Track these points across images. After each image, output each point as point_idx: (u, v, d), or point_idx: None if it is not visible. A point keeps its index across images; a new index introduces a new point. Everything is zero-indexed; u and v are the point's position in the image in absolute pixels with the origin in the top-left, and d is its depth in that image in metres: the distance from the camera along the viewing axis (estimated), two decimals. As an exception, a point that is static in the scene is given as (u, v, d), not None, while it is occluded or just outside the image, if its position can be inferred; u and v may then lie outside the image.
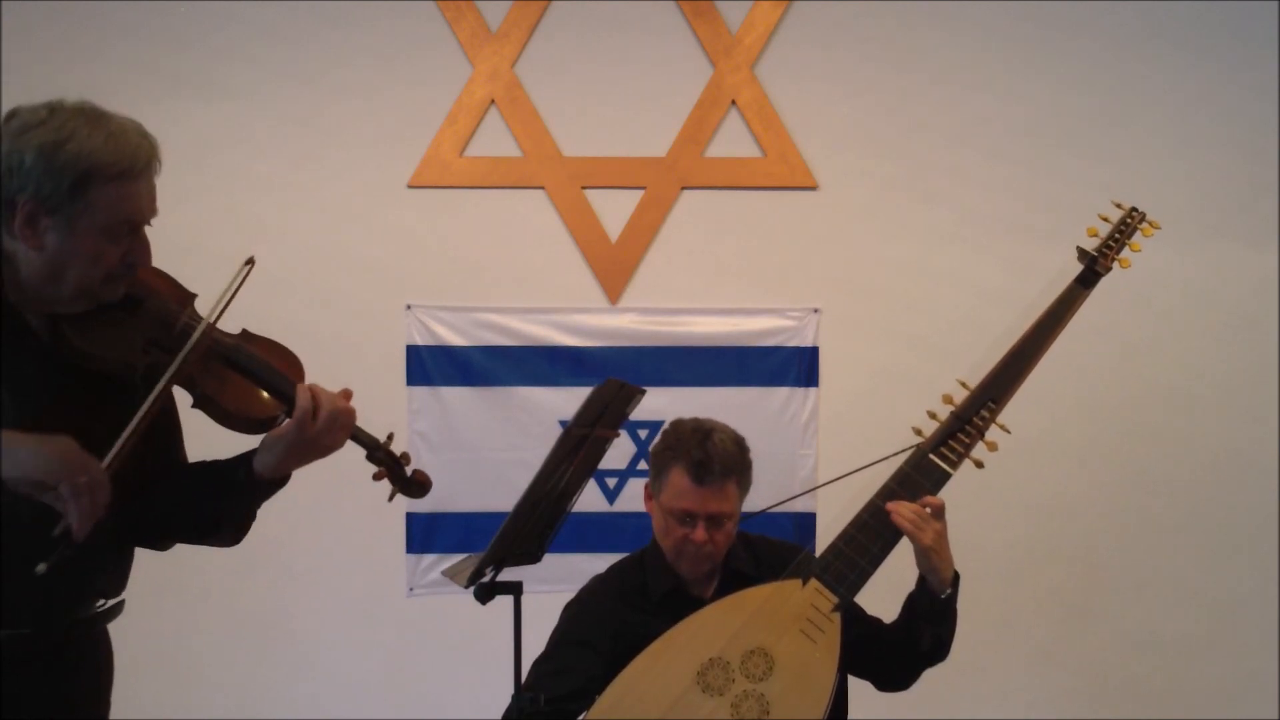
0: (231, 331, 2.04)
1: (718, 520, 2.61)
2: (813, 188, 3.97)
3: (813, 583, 2.51)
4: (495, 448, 3.90)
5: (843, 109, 3.98)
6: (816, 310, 3.96)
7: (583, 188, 3.96)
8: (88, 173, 1.79)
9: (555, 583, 2.98)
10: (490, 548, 2.20)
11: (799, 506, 3.75)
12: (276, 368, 2.02)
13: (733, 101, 3.95)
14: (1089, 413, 3.96)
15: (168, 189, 1.96)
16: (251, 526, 2.11)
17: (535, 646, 2.63)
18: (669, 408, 3.21)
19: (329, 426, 1.95)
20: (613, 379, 2.26)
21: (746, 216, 3.97)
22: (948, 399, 2.58)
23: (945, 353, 3.77)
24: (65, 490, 1.69)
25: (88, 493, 1.70)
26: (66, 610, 1.92)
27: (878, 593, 2.58)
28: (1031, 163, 3.97)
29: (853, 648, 2.54)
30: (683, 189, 3.97)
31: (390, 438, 2.12)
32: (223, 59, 3.89)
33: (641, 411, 2.49)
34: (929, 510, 2.50)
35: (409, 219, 3.93)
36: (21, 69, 3.71)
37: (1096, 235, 2.67)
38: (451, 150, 3.94)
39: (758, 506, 2.81)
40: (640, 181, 3.96)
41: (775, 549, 2.76)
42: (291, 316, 3.47)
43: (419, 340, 3.93)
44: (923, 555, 2.49)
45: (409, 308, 3.92)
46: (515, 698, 2.28)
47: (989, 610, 3.78)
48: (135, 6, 3.86)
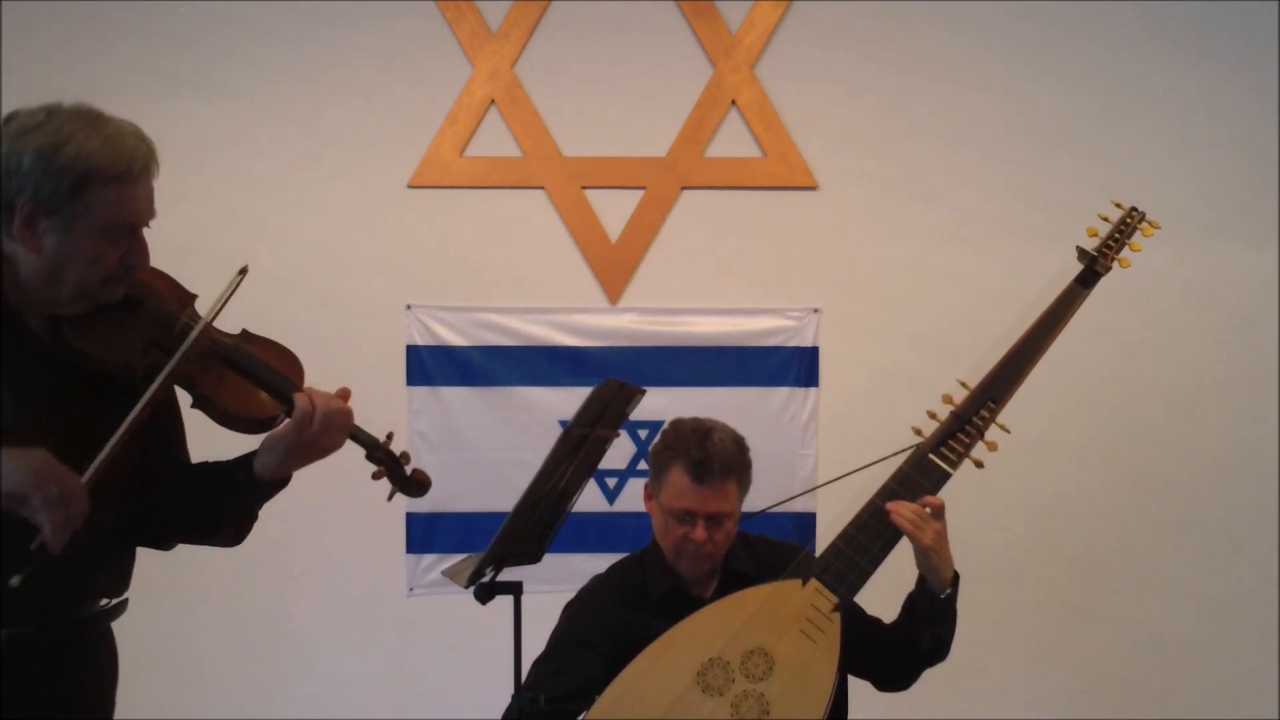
0: (231, 332, 2.04)
1: (717, 519, 2.61)
2: (813, 188, 3.96)
3: (813, 583, 2.51)
4: (495, 448, 3.90)
5: (843, 109, 3.98)
6: (816, 310, 3.96)
7: (583, 188, 3.95)
8: (85, 175, 1.80)
9: (555, 583, 2.98)
10: (490, 548, 2.20)
11: (799, 506, 3.74)
12: (275, 368, 2.02)
13: (733, 101, 3.95)
14: (1089, 413, 3.96)
15: (167, 189, 1.96)
16: (253, 527, 2.11)
17: (535, 646, 2.62)
18: (669, 408, 3.20)
19: (326, 428, 1.96)
20: (613, 379, 2.27)
21: (746, 216, 3.97)
22: (948, 399, 2.58)
23: (945, 353, 3.76)
24: (38, 502, 1.69)
25: (61, 506, 1.70)
26: (68, 609, 1.92)
27: (878, 593, 2.58)
28: (1031, 163, 3.97)
29: (853, 648, 2.54)
30: (683, 189, 3.96)
31: (390, 437, 2.12)
32: (223, 59, 3.89)
33: (641, 411, 2.49)
34: (929, 510, 2.50)
35: (409, 219, 3.93)
36: (21, 69, 3.72)
37: (1096, 235, 2.67)
38: (451, 150, 3.94)
39: (758, 506, 2.81)
40: (640, 181, 3.96)
41: (775, 549, 2.76)
42: (291, 316, 3.47)
43: (419, 340, 3.93)
44: (922, 555, 2.49)
45: (409, 308, 3.92)
46: (515, 698, 2.29)
47: (989, 610, 3.78)
48: (135, 6, 3.86)
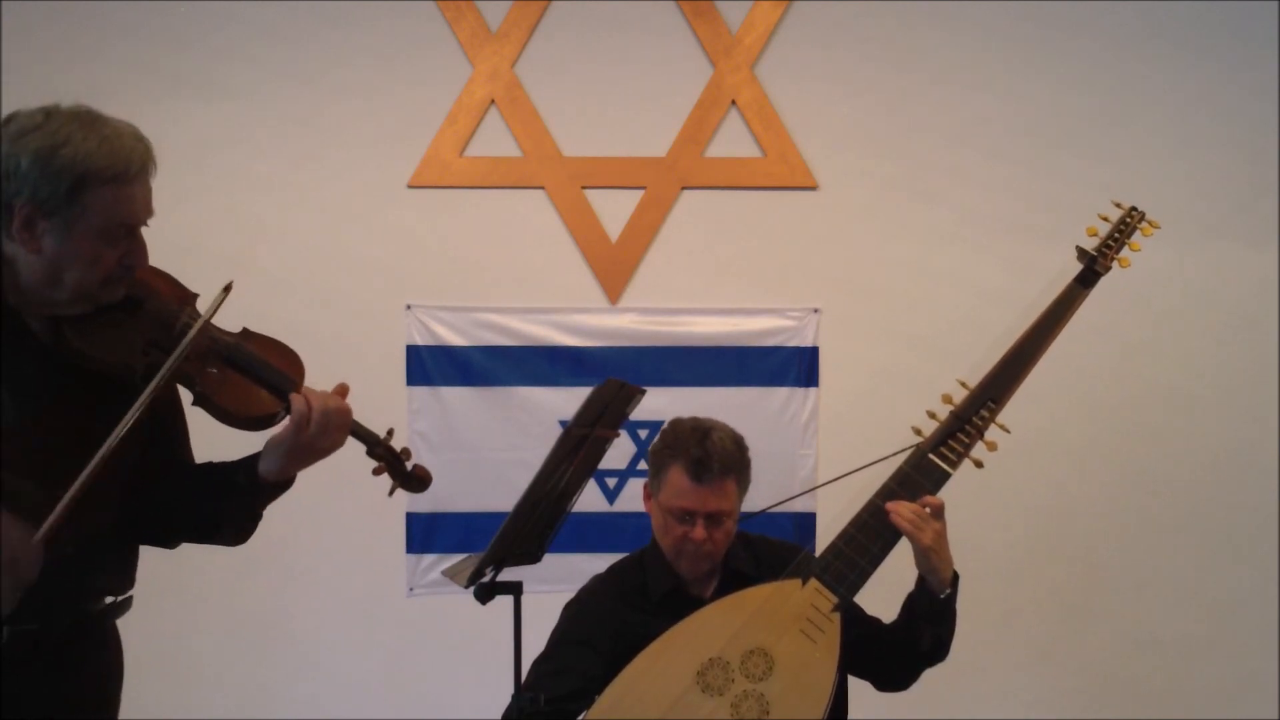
0: (231, 330, 2.04)
1: (717, 518, 2.61)
2: (813, 188, 3.96)
3: (812, 583, 2.51)
4: (495, 448, 3.90)
5: (843, 109, 3.97)
6: (816, 310, 3.96)
7: (583, 188, 3.95)
8: (83, 176, 1.80)
9: (555, 583, 2.97)
10: (490, 548, 2.20)
11: (799, 506, 3.74)
12: (275, 365, 2.02)
13: (733, 101, 3.95)
14: (1089, 413, 3.96)
15: (167, 189, 1.96)
16: (257, 527, 2.11)
17: (535, 646, 2.62)
18: (669, 408, 3.19)
19: (325, 429, 1.96)
20: (613, 379, 2.27)
21: (746, 216, 3.97)
22: (947, 399, 2.58)
23: (945, 353, 3.76)
24: None
25: (9, 570, 1.71)
26: (70, 607, 1.92)
27: (878, 593, 2.58)
28: (1031, 163, 3.96)
29: (853, 648, 2.53)
30: (683, 189, 3.96)
31: (390, 433, 2.12)
32: (223, 59, 3.89)
33: (641, 411, 2.49)
34: (928, 510, 2.50)
35: (409, 219, 3.93)
36: (21, 69, 3.72)
37: (1096, 235, 2.67)
38: (451, 150, 3.93)
39: (758, 506, 2.81)
40: (640, 181, 3.96)
41: (775, 549, 2.76)
42: (291, 316, 3.47)
43: (419, 340, 3.93)
44: (922, 555, 2.49)
45: (409, 308, 3.92)
46: (515, 698, 2.29)
47: (989, 610, 3.78)
48: (135, 6, 3.86)
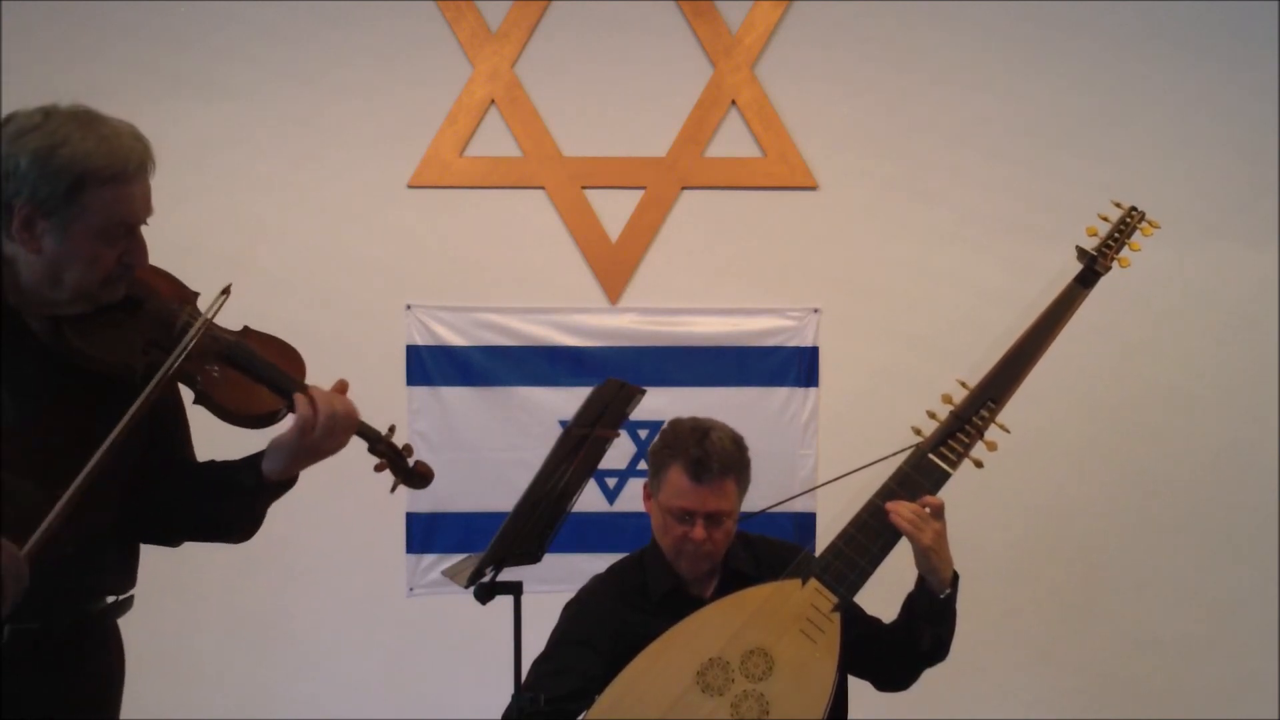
0: (232, 329, 2.04)
1: (716, 518, 2.61)
2: (813, 188, 3.96)
3: (812, 582, 2.51)
4: (495, 448, 3.90)
5: (843, 109, 3.97)
6: (816, 310, 3.96)
7: (583, 188, 3.95)
8: (82, 176, 1.80)
9: (555, 583, 2.97)
10: (490, 548, 2.20)
11: (799, 506, 3.74)
12: (276, 363, 2.02)
13: (733, 101, 3.95)
14: (1089, 413, 3.96)
15: (167, 189, 1.96)
16: (260, 526, 2.11)
17: (535, 646, 2.62)
18: (669, 408, 3.19)
19: (331, 431, 1.97)
20: (613, 379, 2.27)
21: (746, 216, 3.97)
22: (947, 399, 2.58)
23: (945, 353, 3.76)
24: None
25: None
26: (71, 606, 1.92)
27: (878, 593, 2.58)
28: (1031, 163, 3.96)
29: (853, 648, 2.54)
30: (683, 189, 3.96)
31: (392, 429, 2.13)
32: (223, 59, 3.89)
33: (641, 411, 2.49)
34: (928, 510, 2.50)
35: (409, 219, 3.93)
36: (21, 69, 3.72)
37: (1096, 235, 2.67)
38: (451, 150, 3.93)
39: (758, 506, 2.81)
40: (640, 181, 3.96)
41: (775, 549, 2.76)
42: (291, 316, 3.45)
43: (419, 340, 3.93)
44: (922, 555, 2.49)
45: (409, 308, 3.92)
46: (515, 698, 2.29)
47: (989, 610, 3.78)
48: (135, 6, 3.86)
